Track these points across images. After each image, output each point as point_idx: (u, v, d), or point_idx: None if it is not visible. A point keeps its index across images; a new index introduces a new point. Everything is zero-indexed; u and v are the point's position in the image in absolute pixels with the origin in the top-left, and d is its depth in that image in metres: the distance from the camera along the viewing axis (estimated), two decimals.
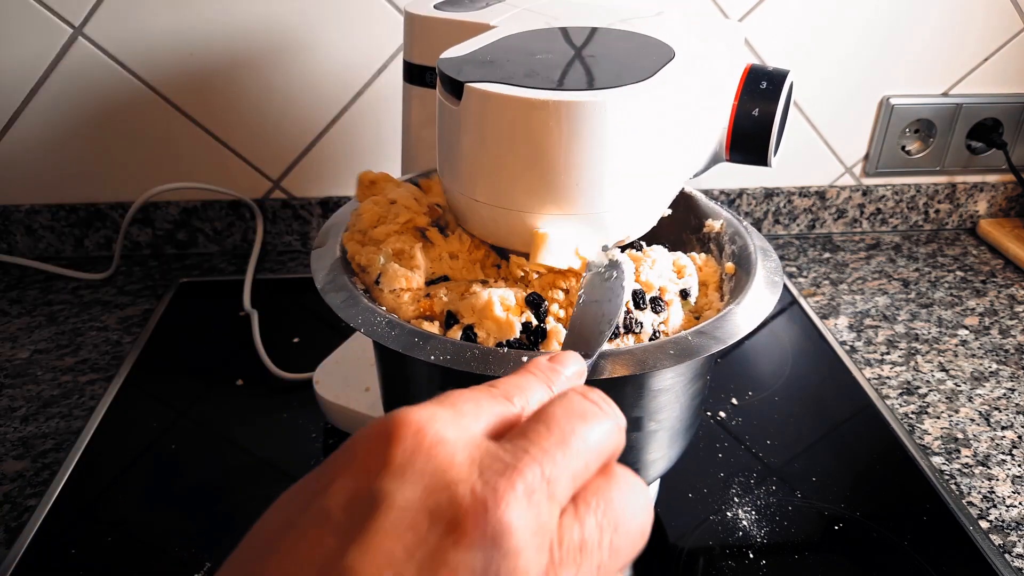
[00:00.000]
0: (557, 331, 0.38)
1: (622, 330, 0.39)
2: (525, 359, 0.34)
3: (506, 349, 0.35)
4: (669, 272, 0.43)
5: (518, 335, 0.37)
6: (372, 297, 0.41)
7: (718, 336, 0.36)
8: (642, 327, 0.39)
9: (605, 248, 0.39)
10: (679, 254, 0.45)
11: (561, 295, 0.39)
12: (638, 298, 0.40)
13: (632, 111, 0.35)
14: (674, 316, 0.42)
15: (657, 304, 0.41)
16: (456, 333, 0.37)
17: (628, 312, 0.39)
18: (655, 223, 0.43)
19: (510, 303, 0.38)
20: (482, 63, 0.38)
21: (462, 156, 0.38)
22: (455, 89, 0.36)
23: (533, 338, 0.37)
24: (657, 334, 0.40)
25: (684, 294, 0.43)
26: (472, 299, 0.38)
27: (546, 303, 0.38)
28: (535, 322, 0.38)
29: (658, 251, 0.43)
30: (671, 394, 0.40)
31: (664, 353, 0.35)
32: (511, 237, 0.40)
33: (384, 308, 0.39)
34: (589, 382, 0.37)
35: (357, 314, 0.37)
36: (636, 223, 0.40)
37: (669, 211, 0.46)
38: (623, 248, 0.45)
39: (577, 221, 0.37)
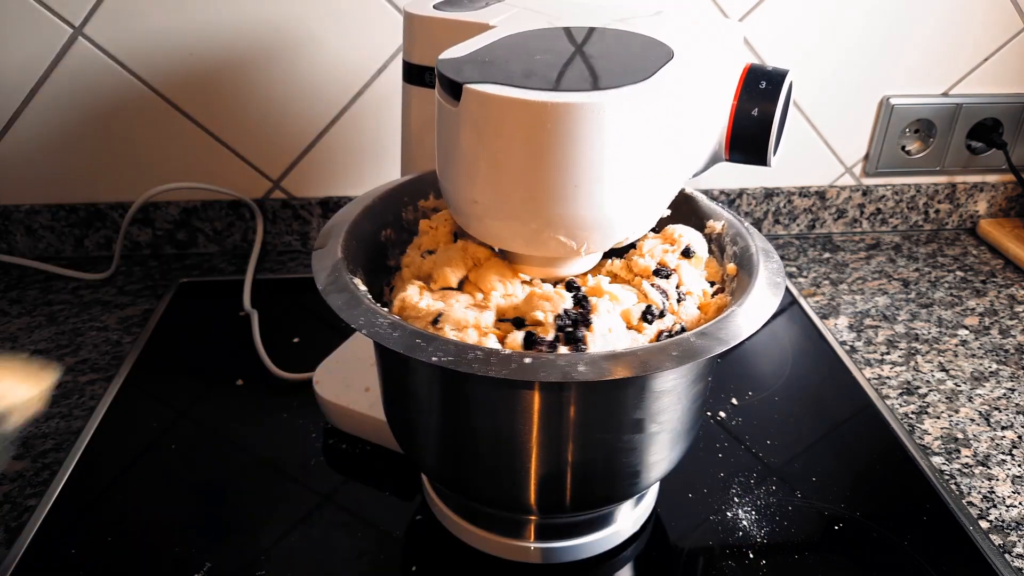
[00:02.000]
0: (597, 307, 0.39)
1: (651, 319, 0.41)
2: (528, 360, 0.34)
3: (508, 350, 0.35)
4: (660, 246, 0.45)
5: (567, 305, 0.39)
6: (385, 302, 0.42)
7: (721, 337, 0.36)
8: (667, 299, 0.42)
9: None
10: (667, 227, 0.47)
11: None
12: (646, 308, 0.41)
13: (631, 112, 0.35)
14: (686, 275, 0.43)
15: (663, 274, 0.43)
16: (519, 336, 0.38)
17: (648, 308, 0.41)
18: (654, 224, 0.43)
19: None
20: (481, 64, 0.38)
21: (461, 157, 0.38)
22: (454, 90, 0.36)
23: (574, 322, 0.38)
24: (682, 297, 0.43)
25: (687, 253, 0.45)
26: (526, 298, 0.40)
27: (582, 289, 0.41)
28: (573, 304, 0.39)
29: (647, 242, 0.46)
30: (673, 396, 0.40)
31: (667, 355, 0.35)
32: (510, 239, 0.40)
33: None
34: (592, 385, 0.37)
35: (359, 315, 0.37)
36: (635, 224, 0.40)
37: (668, 211, 0.46)
38: (621, 249, 0.45)
39: (576, 222, 0.37)
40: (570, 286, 0.41)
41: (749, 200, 0.89)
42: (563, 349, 0.37)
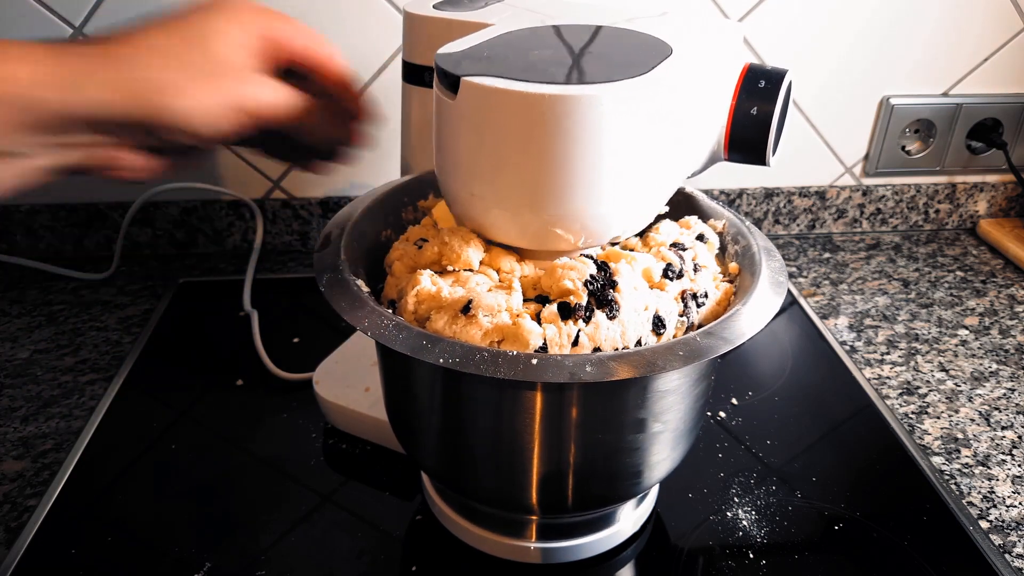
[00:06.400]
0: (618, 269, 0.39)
1: (672, 276, 0.41)
2: (535, 362, 0.34)
3: (515, 352, 0.35)
4: (677, 229, 0.46)
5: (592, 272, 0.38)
6: (392, 302, 0.42)
7: (726, 337, 0.36)
8: (683, 263, 0.42)
9: None
10: (683, 217, 0.48)
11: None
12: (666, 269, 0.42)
13: (628, 106, 0.35)
14: (701, 255, 0.44)
15: (679, 247, 0.43)
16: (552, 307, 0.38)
17: (668, 265, 0.42)
18: (652, 220, 0.43)
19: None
20: (479, 58, 0.38)
21: (458, 150, 0.38)
22: (452, 83, 0.36)
23: (602, 285, 0.38)
24: (697, 268, 0.43)
25: (700, 238, 0.45)
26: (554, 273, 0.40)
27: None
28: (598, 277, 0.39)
29: (663, 224, 0.46)
30: (676, 395, 0.40)
31: (673, 354, 0.35)
32: (509, 232, 0.40)
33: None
34: (596, 385, 0.37)
35: (363, 317, 0.37)
36: (633, 219, 0.40)
37: (667, 208, 0.46)
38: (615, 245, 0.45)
39: (574, 216, 0.37)
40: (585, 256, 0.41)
41: (749, 200, 0.89)
42: (599, 312, 0.37)
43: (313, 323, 0.73)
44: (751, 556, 0.49)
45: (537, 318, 0.38)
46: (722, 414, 0.62)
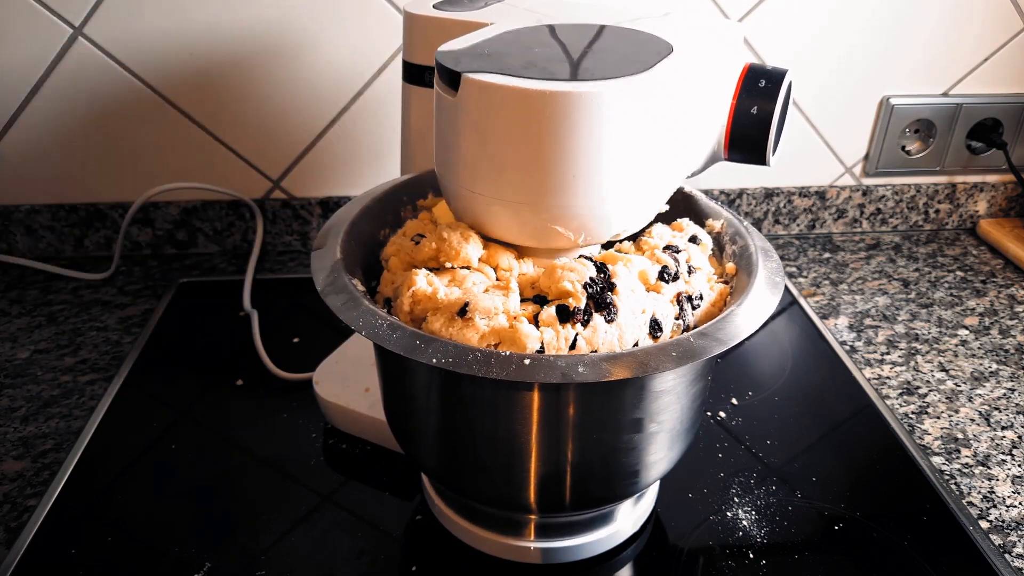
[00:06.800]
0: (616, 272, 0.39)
1: (668, 278, 0.41)
2: (527, 362, 0.34)
3: (508, 352, 0.35)
4: (669, 232, 0.46)
5: (592, 274, 0.39)
6: (387, 300, 0.42)
7: (720, 338, 0.36)
8: (678, 265, 0.42)
9: None
10: (675, 220, 0.48)
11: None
12: (662, 273, 0.42)
13: (629, 103, 0.35)
14: (695, 257, 0.44)
15: (673, 249, 0.43)
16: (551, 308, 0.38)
17: (664, 268, 0.42)
18: (652, 218, 0.43)
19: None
20: (480, 55, 0.38)
21: (459, 147, 0.38)
22: (452, 80, 0.36)
23: (601, 288, 0.38)
24: (691, 270, 0.43)
25: (694, 239, 0.45)
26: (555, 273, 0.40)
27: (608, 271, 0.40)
28: (597, 279, 0.39)
29: (655, 226, 0.46)
30: (672, 395, 0.40)
31: (666, 355, 0.35)
32: (510, 229, 0.40)
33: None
34: (591, 385, 0.37)
35: (358, 316, 0.37)
36: (633, 217, 0.40)
37: (667, 207, 0.46)
38: (619, 242, 0.45)
39: (574, 213, 0.37)
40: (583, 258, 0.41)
41: (749, 200, 0.89)
42: (597, 316, 0.37)
43: (313, 323, 0.73)
44: (751, 556, 0.49)
45: (535, 320, 0.38)
46: (722, 414, 0.62)
